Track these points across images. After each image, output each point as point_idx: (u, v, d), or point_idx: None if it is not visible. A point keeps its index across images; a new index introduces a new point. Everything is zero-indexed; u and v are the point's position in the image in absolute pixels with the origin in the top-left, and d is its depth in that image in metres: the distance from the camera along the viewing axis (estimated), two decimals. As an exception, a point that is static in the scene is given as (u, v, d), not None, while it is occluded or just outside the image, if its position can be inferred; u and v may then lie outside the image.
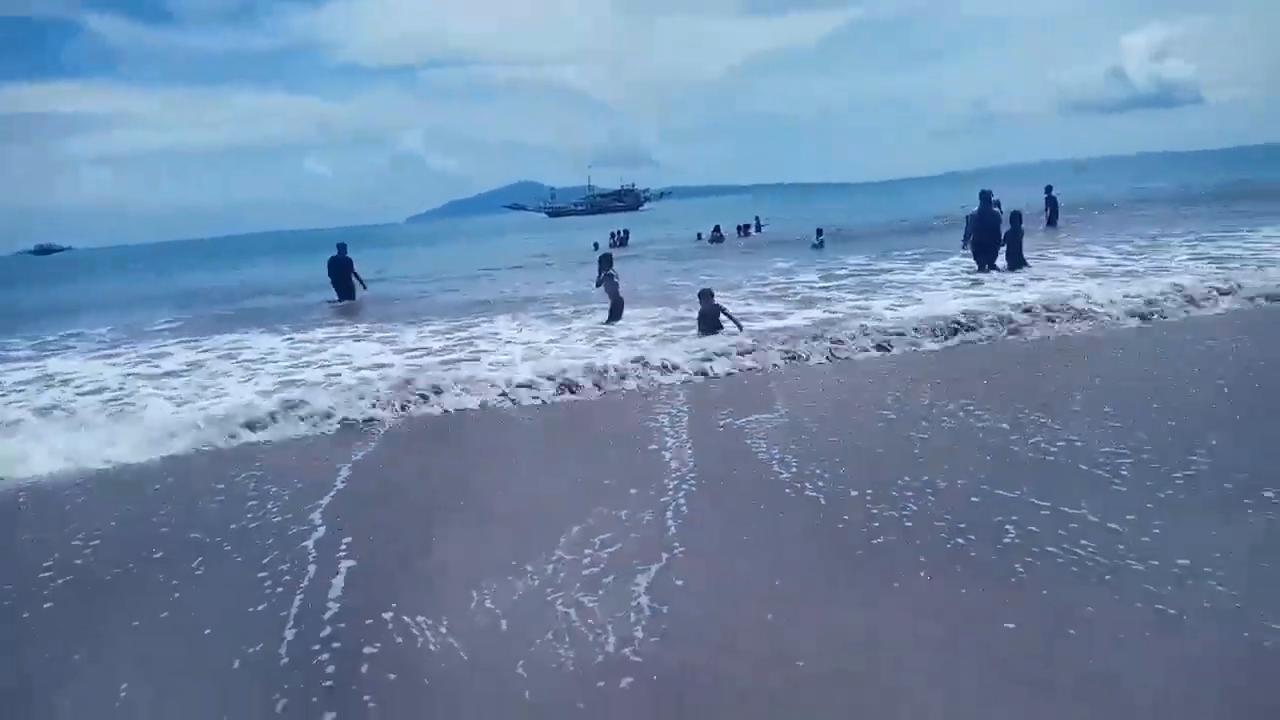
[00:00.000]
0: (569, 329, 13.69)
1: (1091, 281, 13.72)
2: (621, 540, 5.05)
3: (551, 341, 12.53)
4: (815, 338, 10.66)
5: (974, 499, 5.32)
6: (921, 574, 4.39)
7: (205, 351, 14.15)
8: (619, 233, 38.21)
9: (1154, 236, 21.38)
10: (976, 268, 17.21)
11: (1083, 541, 4.56)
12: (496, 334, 13.88)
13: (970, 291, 14.25)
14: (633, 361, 9.79)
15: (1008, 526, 4.84)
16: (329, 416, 8.51)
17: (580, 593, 4.41)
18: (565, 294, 18.94)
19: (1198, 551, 4.34)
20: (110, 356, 14.42)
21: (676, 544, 4.98)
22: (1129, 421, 6.68)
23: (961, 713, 3.27)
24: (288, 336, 15.09)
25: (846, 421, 7.62)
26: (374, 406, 8.75)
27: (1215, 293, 12.06)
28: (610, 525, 5.29)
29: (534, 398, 9.10)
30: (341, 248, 21.41)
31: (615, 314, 13.96)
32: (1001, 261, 16.98)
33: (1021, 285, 14.45)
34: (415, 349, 12.98)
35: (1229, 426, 6.45)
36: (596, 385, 9.35)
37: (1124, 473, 5.57)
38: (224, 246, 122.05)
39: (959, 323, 11.06)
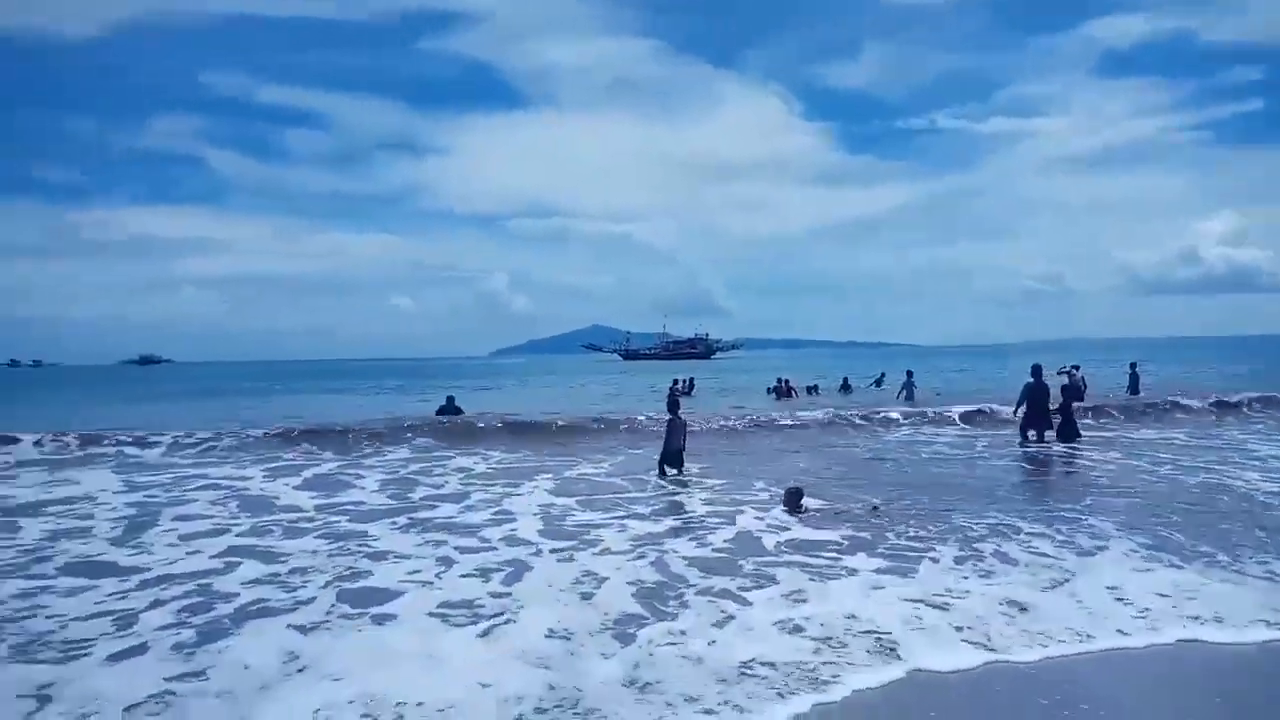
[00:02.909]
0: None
1: None
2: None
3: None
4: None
5: None
6: None
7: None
8: (684, 380, 36.32)
9: None
10: (1020, 439, 17.31)
11: None
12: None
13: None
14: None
15: None
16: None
17: None
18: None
19: None
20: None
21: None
22: None
23: None
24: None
25: None
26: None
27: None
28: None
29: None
30: (450, 399, 23.10)
31: (675, 460, 13.53)
32: (1050, 433, 17.18)
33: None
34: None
35: None
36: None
37: None
38: (322, 369, 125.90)
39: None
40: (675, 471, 13.51)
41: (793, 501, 10.49)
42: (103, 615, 6.67)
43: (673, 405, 13.97)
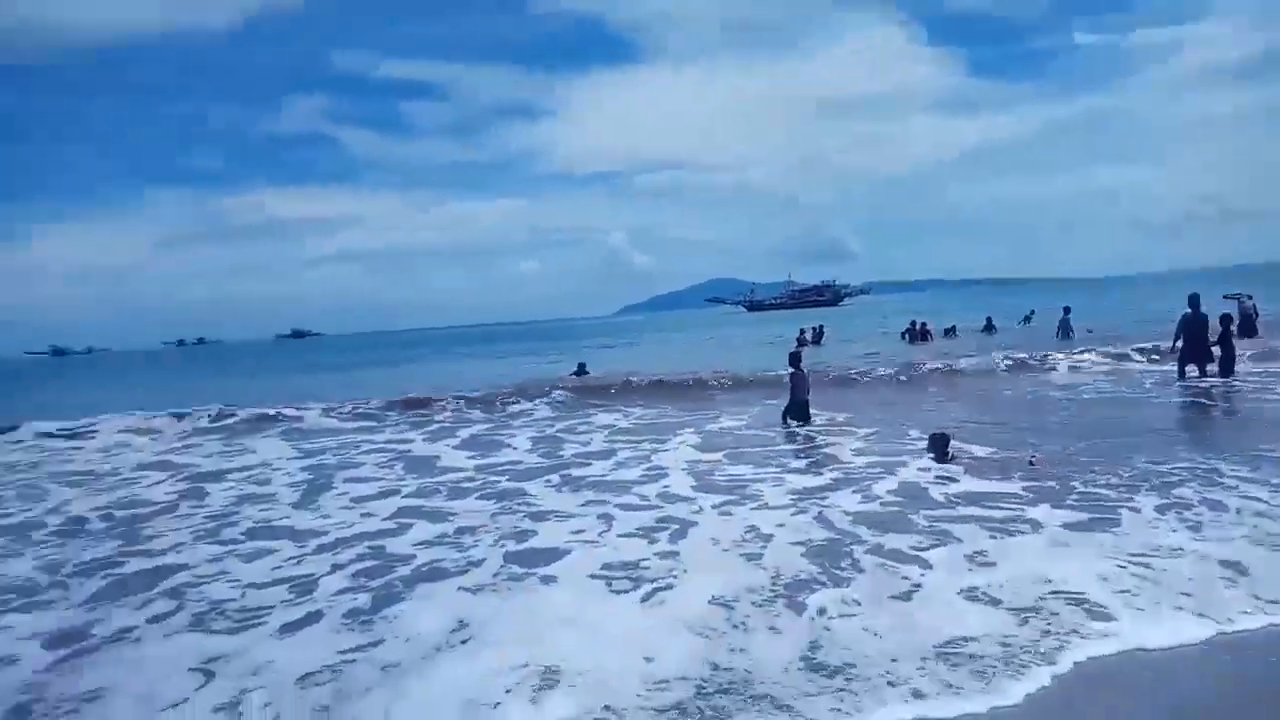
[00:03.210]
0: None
1: None
2: None
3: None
4: None
5: None
6: None
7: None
8: (813, 329, 35.34)
9: None
10: (1178, 375, 15.79)
11: None
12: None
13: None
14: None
15: None
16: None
17: None
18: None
19: None
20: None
21: None
22: None
23: None
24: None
25: None
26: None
27: None
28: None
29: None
30: (581, 365, 23.70)
31: (800, 412, 13.37)
32: (1212, 367, 15.57)
33: None
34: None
35: None
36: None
37: None
38: (453, 336, 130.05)
39: None
40: (798, 423, 13.26)
41: (939, 448, 9.93)
42: (280, 582, 6.83)
43: (794, 359, 13.95)
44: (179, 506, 10.09)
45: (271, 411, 18.26)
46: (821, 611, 5.50)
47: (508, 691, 4.56)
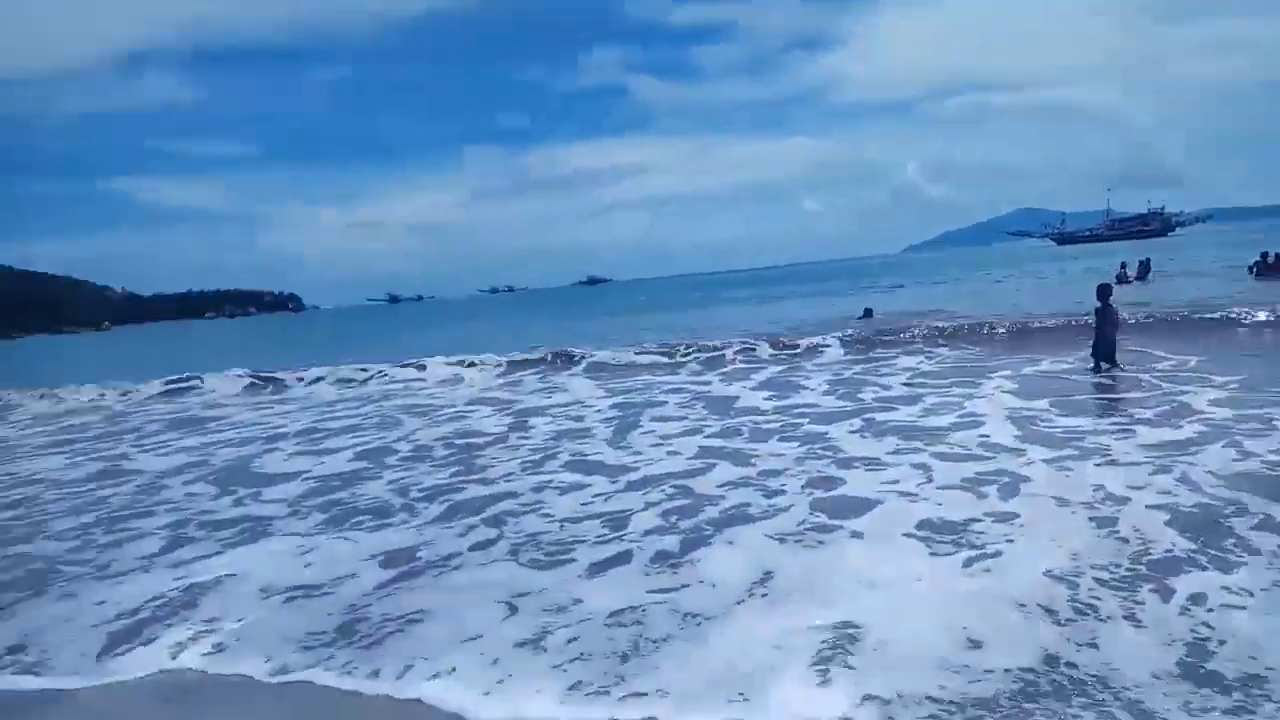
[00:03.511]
0: None
1: None
2: None
3: None
4: None
5: None
6: None
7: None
8: (1140, 262, 30.83)
9: None
10: None
11: None
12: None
13: None
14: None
15: None
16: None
17: None
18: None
19: None
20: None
21: None
22: None
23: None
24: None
25: None
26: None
27: None
28: None
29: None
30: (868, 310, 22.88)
31: (1106, 352, 11.94)
32: None
33: None
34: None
35: None
36: None
37: None
38: (738, 279, 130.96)
39: None
40: (1108, 365, 11.86)
41: None
42: (592, 517, 6.97)
43: (1102, 292, 12.27)
44: (508, 438, 10.89)
45: (577, 352, 19.41)
46: (1198, 600, 4.51)
47: (798, 657, 4.21)
